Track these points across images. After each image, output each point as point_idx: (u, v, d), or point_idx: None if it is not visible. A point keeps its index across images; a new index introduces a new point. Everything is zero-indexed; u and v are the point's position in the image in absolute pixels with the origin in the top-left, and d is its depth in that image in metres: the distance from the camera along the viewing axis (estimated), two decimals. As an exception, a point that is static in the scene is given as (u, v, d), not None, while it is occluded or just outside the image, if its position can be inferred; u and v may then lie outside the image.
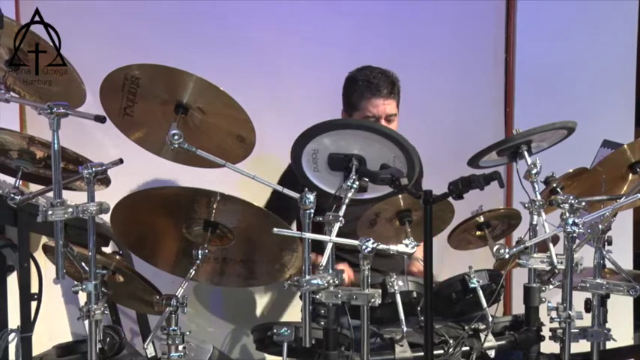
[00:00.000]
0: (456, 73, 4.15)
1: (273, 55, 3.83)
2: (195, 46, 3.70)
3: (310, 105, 3.82)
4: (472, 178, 2.48)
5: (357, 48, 3.88)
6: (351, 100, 3.42)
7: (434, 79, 3.82)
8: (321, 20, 3.88)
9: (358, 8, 3.95)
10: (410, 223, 3.02)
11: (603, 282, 2.75)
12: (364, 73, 3.42)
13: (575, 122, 3.01)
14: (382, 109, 3.39)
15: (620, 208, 2.96)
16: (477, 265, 3.13)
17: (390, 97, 3.40)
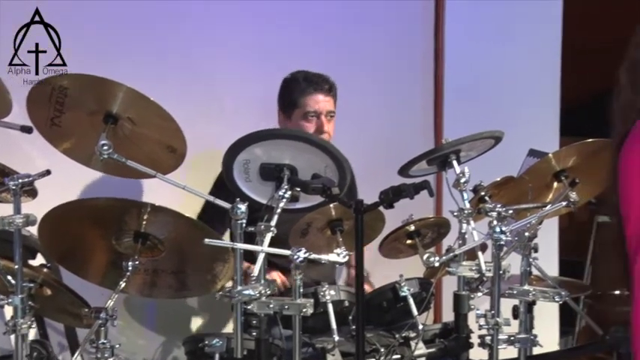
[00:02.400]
0: (386, 82, 4.18)
1: (206, 64, 3.81)
2: (125, 56, 3.66)
3: (243, 114, 3.81)
4: (402, 187, 2.51)
5: (288, 58, 3.88)
6: (291, 97, 3.43)
7: (364, 89, 3.85)
8: (252, 29, 3.88)
9: (290, 18, 3.96)
10: (341, 233, 3.03)
11: (530, 289, 2.81)
12: (303, 73, 3.46)
13: (502, 132, 3.06)
14: (323, 105, 3.41)
15: (545, 215, 3.02)
16: (407, 273, 3.16)
17: (329, 94, 3.44)
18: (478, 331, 2.81)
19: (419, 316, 3.04)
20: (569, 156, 3.14)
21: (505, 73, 4.28)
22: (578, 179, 3.09)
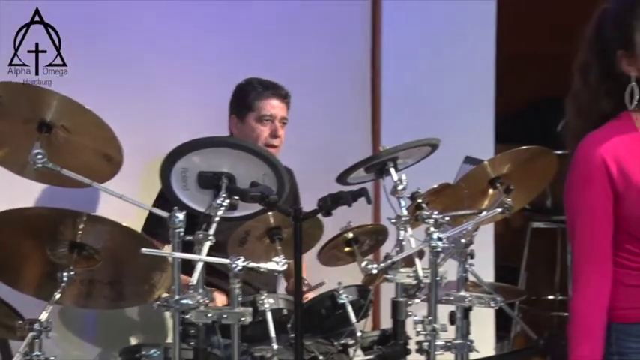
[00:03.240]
0: (324, 89, 4.19)
1: (147, 71, 3.77)
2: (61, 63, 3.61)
3: (188, 122, 3.78)
4: (340, 194, 2.52)
5: (229, 64, 3.87)
6: (245, 100, 3.41)
7: (301, 96, 3.84)
8: (192, 35, 3.85)
9: (229, 25, 3.94)
10: (280, 241, 3.03)
11: (466, 295, 2.84)
12: (257, 79, 3.45)
13: (438, 139, 3.10)
14: (278, 110, 3.41)
15: (481, 222, 3.07)
16: (346, 280, 3.17)
17: (284, 100, 3.43)
18: (416, 337, 2.83)
19: (357, 323, 3.05)
20: (503, 163, 3.19)
21: (441, 81, 4.32)
22: (512, 186, 3.14)
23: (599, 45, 1.89)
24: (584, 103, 1.92)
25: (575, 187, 1.88)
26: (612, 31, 1.87)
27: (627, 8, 1.85)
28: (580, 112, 1.93)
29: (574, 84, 1.94)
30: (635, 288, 1.86)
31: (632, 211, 1.84)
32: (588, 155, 1.86)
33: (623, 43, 1.85)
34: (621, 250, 1.87)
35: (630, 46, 1.85)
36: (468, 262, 2.91)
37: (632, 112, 1.89)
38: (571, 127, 1.95)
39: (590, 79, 1.90)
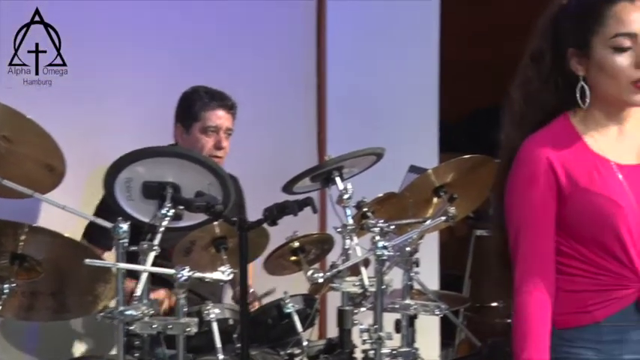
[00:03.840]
0: (269, 99, 4.19)
1: (92, 81, 3.73)
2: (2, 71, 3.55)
3: (130, 132, 3.74)
4: (286, 204, 2.52)
5: (173, 72, 3.84)
6: (191, 110, 3.38)
7: (246, 105, 3.84)
8: (139, 43, 3.82)
9: (173, 33, 3.92)
10: (226, 250, 3.02)
11: (411, 303, 2.86)
12: (204, 88, 3.42)
13: (383, 148, 3.12)
14: (224, 121, 3.39)
15: (426, 230, 3.10)
16: (292, 290, 3.17)
17: (230, 111, 3.41)
18: (362, 345, 2.84)
19: (303, 333, 3.06)
20: (447, 172, 3.22)
21: (386, 90, 4.36)
22: (456, 194, 3.17)
23: (553, 37, 1.90)
24: (534, 91, 1.91)
25: (519, 187, 1.87)
26: (568, 28, 1.88)
27: (589, 10, 1.85)
28: (526, 101, 1.92)
29: (524, 72, 1.93)
30: (572, 293, 1.87)
31: (576, 214, 1.85)
32: (534, 155, 1.86)
33: (577, 43, 1.86)
34: (559, 255, 1.88)
35: (584, 47, 1.85)
36: (413, 271, 2.93)
37: (571, 114, 1.90)
38: (516, 115, 1.94)
39: (542, 68, 1.90)
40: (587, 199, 1.83)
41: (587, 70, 1.86)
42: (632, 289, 1.85)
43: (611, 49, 1.82)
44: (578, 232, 1.86)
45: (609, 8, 1.83)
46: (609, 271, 1.85)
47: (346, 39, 4.32)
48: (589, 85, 1.87)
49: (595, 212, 1.83)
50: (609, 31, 1.82)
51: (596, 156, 1.87)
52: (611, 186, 1.85)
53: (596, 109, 1.89)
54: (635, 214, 1.84)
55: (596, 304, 1.85)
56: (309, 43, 4.30)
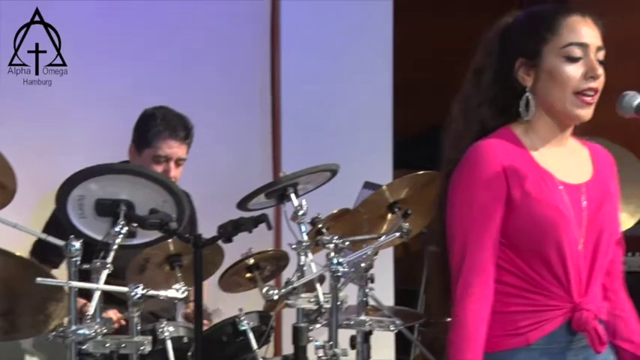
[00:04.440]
0: (224, 116, 4.19)
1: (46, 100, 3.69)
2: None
3: (82, 150, 3.71)
4: (241, 220, 2.52)
5: (126, 90, 3.82)
6: (146, 135, 3.34)
7: (200, 121, 3.83)
8: (92, 60, 3.79)
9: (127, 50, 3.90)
10: (180, 268, 3.00)
11: (366, 319, 2.87)
12: (163, 112, 3.37)
13: (337, 165, 3.13)
14: (175, 151, 3.35)
15: (381, 246, 3.11)
16: (247, 307, 3.16)
17: (184, 141, 3.37)
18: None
19: (259, 350, 3.04)
20: (401, 188, 3.24)
21: (340, 107, 4.38)
22: (410, 210, 3.19)
23: (500, 50, 1.92)
24: (472, 106, 1.93)
25: (470, 193, 1.84)
26: (518, 39, 1.90)
27: (542, 19, 1.88)
28: (465, 115, 1.93)
29: (465, 88, 1.95)
30: (505, 315, 1.85)
31: (522, 223, 1.83)
32: (488, 158, 1.84)
33: (527, 52, 1.88)
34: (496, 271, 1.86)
35: (535, 56, 1.87)
36: (368, 287, 2.94)
37: (513, 126, 1.92)
38: (453, 130, 1.95)
39: (482, 83, 1.92)
40: (536, 208, 1.84)
41: (535, 80, 1.88)
42: (563, 310, 1.86)
43: (563, 57, 1.86)
44: (521, 243, 1.85)
45: (563, 19, 1.87)
46: (544, 290, 1.85)
47: (300, 56, 4.34)
48: (535, 97, 1.89)
49: (542, 221, 1.83)
50: (562, 39, 1.86)
51: (542, 170, 1.88)
52: (557, 199, 1.86)
53: (541, 124, 1.91)
54: (574, 232, 1.86)
55: (528, 326, 1.85)
56: (264, 60, 4.30)
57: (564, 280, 1.85)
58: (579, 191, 1.90)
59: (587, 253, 1.88)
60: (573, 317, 1.86)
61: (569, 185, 1.90)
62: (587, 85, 1.85)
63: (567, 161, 1.93)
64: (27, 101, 3.44)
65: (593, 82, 1.85)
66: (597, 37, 1.88)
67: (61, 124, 3.68)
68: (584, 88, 1.85)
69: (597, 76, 1.85)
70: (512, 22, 1.94)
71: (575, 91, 1.85)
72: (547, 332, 1.85)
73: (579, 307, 1.85)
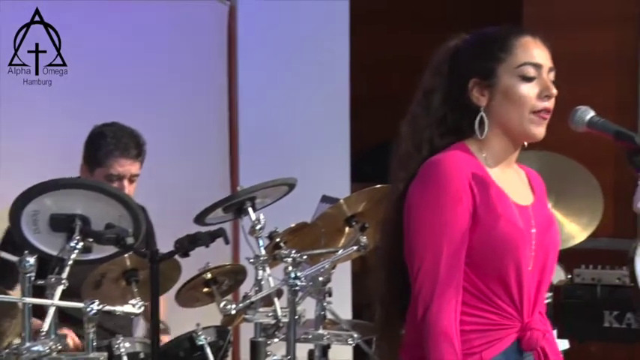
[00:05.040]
0: (182, 130, 4.18)
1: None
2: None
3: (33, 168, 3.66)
4: (198, 235, 2.51)
5: (82, 102, 3.79)
6: (97, 155, 3.29)
7: (158, 135, 3.81)
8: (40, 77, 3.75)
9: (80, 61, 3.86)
10: (137, 283, 2.98)
11: (324, 333, 2.88)
12: (113, 130, 3.31)
13: (295, 178, 3.14)
14: (128, 169, 3.30)
15: (338, 260, 3.12)
16: (204, 322, 3.14)
17: (137, 159, 3.32)
18: (275, 376, 2.83)
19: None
20: (359, 201, 3.25)
21: (297, 121, 4.39)
22: (367, 224, 3.20)
23: (450, 71, 1.93)
24: (420, 126, 1.93)
25: (440, 205, 1.83)
26: (470, 59, 1.92)
27: (495, 40, 1.90)
28: (414, 136, 1.94)
29: (414, 108, 1.96)
30: (461, 334, 1.84)
31: (483, 239, 1.84)
32: (455, 171, 1.84)
33: (480, 72, 1.89)
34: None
35: (489, 76, 1.88)
36: (325, 300, 2.95)
37: (468, 143, 1.93)
38: (402, 150, 1.95)
39: (432, 103, 1.93)
40: (498, 224, 1.85)
41: (490, 100, 1.90)
42: (514, 329, 1.88)
43: (518, 77, 1.88)
44: (480, 261, 1.85)
45: (516, 39, 1.89)
46: (498, 309, 1.86)
47: (258, 71, 4.35)
48: (489, 116, 1.90)
49: (503, 238, 1.85)
50: (517, 60, 1.88)
51: (498, 189, 1.90)
52: (514, 217, 1.88)
53: (493, 142, 1.92)
54: (527, 252, 1.88)
55: (482, 345, 1.86)
56: (221, 74, 4.30)
57: (518, 299, 1.87)
58: (528, 213, 1.93)
59: (534, 273, 1.90)
60: (523, 336, 1.88)
61: (520, 206, 1.92)
62: (542, 104, 1.87)
63: (515, 182, 1.97)
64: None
65: (547, 101, 1.88)
66: (548, 58, 1.91)
67: (8, 141, 3.64)
68: (539, 107, 1.88)
69: (552, 95, 1.88)
70: (463, 43, 1.96)
71: (532, 110, 1.88)
72: (500, 351, 1.87)
73: (528, 327, 1.88)
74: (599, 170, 3.47)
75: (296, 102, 4.38)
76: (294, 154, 4.32)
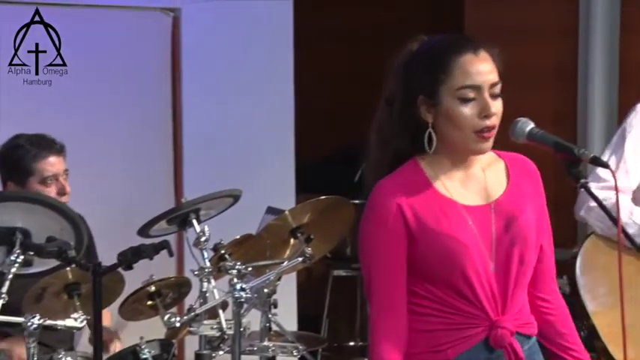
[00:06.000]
0: (125, 141, 4.14)
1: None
2: None
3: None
4: (142, 247, 2.50)
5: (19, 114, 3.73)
6: (22, 165, 3.22)
7: (100, 147, 3.78)
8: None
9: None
10: (79, 297, 2.94)
11: (269, 345, 2.87)
12: (24, 138, 3.26)
13: (240, 190, 3.13)
14: (59, 166, 3.26)
15: (284, 271, 3.12)
16: (148, 335, 3.11)
17: (62, 152, 3.28)
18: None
19: (161, 379, 3.00)
20: (304, 213, 3.26)
21: (242, 133, 4.38)
22: (313, 235, 3.21)
23: (404, 83, 1.95)
24: (386, 136, 1.96)
25: (371, 233, 1.92)
26: (418, 77, 1.93)
27: (437, 60, 1.91)
28: (381, 145, 1.97)
29: (379, 116, 1.98)
30: (425, 333, 1.92)
31: (425, 255, 1.90)
32: (383, 200, 1.90)
33: (425, 92, 1.91)
34: (412, 296, 1.92)
35: (433, 97, 1.90)
36: (271, 312, 2.95)
37: (419, 158, 1.95)
38: (371, 159, 1.99)
39: (394, 113, 1.95)
40: (436, 240, 1.89)
41: (435, 118, 1.92)
42: (481, 328, 1.91)
43: (458, 99, 1.89)
44: (428, 273, 1.91)
45: (455, 60, 1.89)
46: (460, 310, 1.91)
47: (202, 81, 4.33)
48: (437, 132, 1.93)
49: (443, 253, 1.89)
50: (455, 82, 1.89)
51: (444, 199, 1.93)
52: (458, 228, 1.91)
53: (443, 155, 1.95)
54: (482, 255, 1.91)
55: (448, 343, 1.90)
56: (164, 85, 4.28)
57: (476, 302, 1.91)
58: (487, 212, 1.95)
59: (499, 272, 1.93)
60: (490, 335, 1.91)
61: (475, 208, 1.94)
62: (483, 124, 1.89)
63: (473, 183, 1.97)
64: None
65: (488, 120, 1.89)
66: (491, 71, 1.91)
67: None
68: (480, 127, 1.89)
69: (491, 114, 1.89)
70: (414, 53, 1.96)
71: (474, 130, 1.89)
72: (466, 349, 1.91)
73: (496, 325, 1.91)
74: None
75: (241, 113, 4.37)
76: (239, 166, 4.31)
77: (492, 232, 1.93)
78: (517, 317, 1.95)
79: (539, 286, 2.02)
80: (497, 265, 1.92)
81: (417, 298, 1.92)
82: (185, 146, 4.29)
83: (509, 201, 1.97)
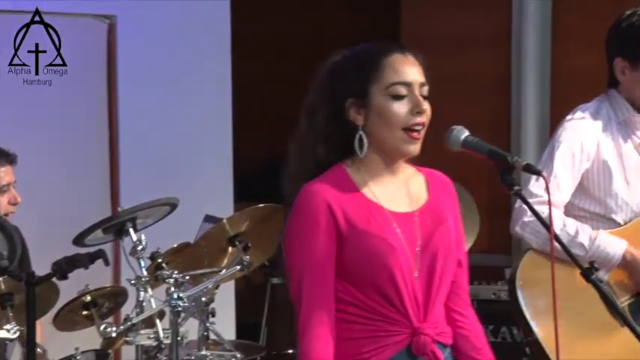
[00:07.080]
0: (60, 149, 4.09)
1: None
2: None
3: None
4: (77, 257, 2.47)
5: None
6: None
7: (35, 154, 3.72)
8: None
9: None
10: (12, 307, 2.89)
11: (207, 354, 2.86)
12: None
13: (177, 198, 3.12)
14: (12, 176, 3.23)
15: (222, 280, 3.12)
16: (84, 345, 3.08)
17: (14, 164, 3.25)
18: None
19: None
20: (242, 221, 3.26)
21: (178, 141, 4.36)
22: (250, 243, 3.21)
23: (330, 90, 1.96)
24: (307, 145, 1.97)
25: (301, 233, 1.91)
26: (346, 80, 1.95)
27: (366, 60, 1.94)
28: (301, 153, 1.98)
29: (300, 124, 1.99)
30: (349, 341, 1.91)
31: (354, 256, 1.90)
32: (313, 201, 1.90)
33: (355, 93, 1.93)
34: (337, 302, 1.92)
35: (363, 96, 1.92)
36: (209, 321, 2.94)
37: (346, 164, 1.97)
38: (291, 169, 1.99)
39: (315, 122, 1.96)
40: (365, 240, 1.90)
41: (366, 119, 1.94)
42: (404, 335, 1.93)
43: (389, 96, 1.92)
44: (355, 275, 1.91)
45: (385, 58, 1.93)
46: (384, 317, 1.92)
47: (138, 88, 4.30)
48: (368, 134, 1.94)
49: (371, 253, 1.90)
50: (386, 80, 1.92)
51: (371, 203, 1.94)
52: (386, 231, 1.93)
53: (373, 160, 1.97)
54: (408, 260, 1.93)
55: (371, 351, 1.91)
56: (101, 93, 4.24)
57: (401, 307, 1.92)
58: (412, 219, 1.97)
59: (422, 279, 1.94)
60: (413, 341, 1.92)
61: (400, 214, 1.96)
62: (414, 120, 1.92)
63: (399, 191, 2.00)
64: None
65: (419, 117, 1.93)
66: (419, 73, 1.95)
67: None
68: (411, 123, 1.92)
69: (423, 111, 1.93)
70: (340, 61, 1.99)
71: (404, 127, 1.92)
72: (390, 355, 1.91)
73: (418, 332, 1.92)
74: (474, 188, 3.58)
75: (178, 121, 4.35)
76: (177, 174, 4.29)
77: (417, 239, 1.95)
78: (436, 325, 1.97)
79: (454, 299, 2.04)
80: (420, 273, 1.94)
81: (342, 304, 1.92)
82: (121, 154, 4.26)
83: (431, 211, 1.99)
